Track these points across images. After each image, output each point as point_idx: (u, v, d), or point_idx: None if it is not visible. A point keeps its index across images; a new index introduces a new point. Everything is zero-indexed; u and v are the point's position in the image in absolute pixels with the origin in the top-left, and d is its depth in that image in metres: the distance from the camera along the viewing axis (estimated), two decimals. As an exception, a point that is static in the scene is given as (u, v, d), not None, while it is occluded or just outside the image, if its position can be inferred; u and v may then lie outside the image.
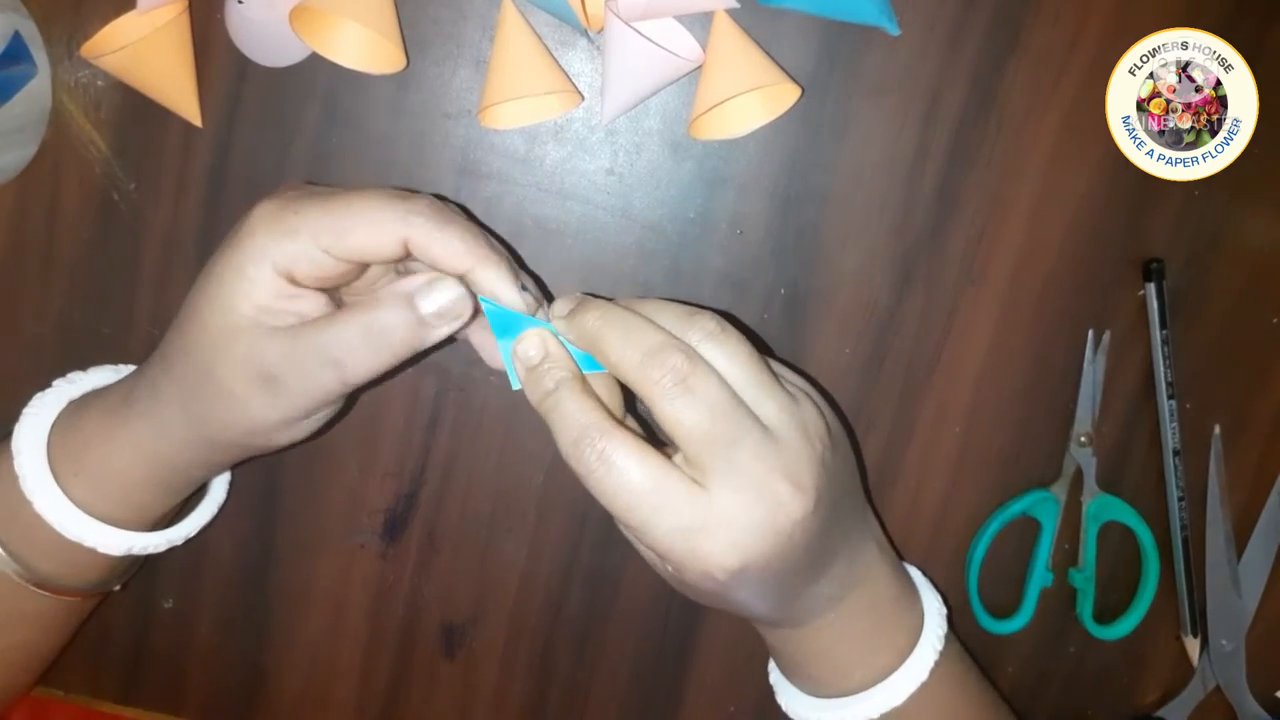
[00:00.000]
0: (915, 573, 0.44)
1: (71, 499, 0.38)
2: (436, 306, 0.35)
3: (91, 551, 0.39)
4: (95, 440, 0.39)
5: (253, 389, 0.36)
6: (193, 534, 0.43)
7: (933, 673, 0.40)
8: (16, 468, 0.38)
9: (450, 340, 0.37)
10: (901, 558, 0.44)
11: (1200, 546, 0.48)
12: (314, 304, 0.36)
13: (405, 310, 0.35)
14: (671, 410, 0.33)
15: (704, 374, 0.33)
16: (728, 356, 0.34)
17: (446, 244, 0.35)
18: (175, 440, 0.38)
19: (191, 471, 0.40)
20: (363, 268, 0.37)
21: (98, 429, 0.39)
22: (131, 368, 0.44)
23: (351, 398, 0.42)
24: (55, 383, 0.41)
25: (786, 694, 0.43)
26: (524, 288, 0.36)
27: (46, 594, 0.40)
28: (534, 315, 0.36)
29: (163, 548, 0.42)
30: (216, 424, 0.37)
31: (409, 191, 0.37)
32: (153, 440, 0.38)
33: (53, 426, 0.39)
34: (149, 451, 0.39)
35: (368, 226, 0.35)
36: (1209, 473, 0.47)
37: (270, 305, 0.35)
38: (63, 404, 0.40)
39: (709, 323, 0.35)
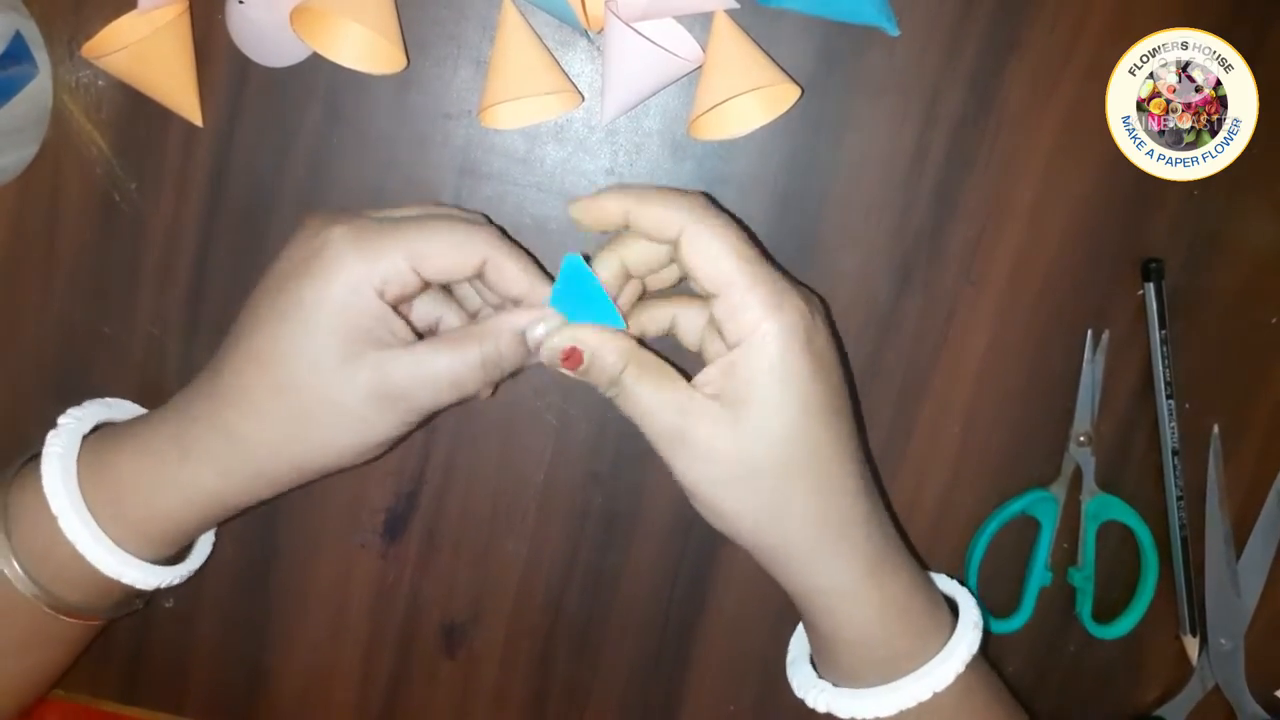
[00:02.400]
0: (947, 580, 0.43)
1: (110, 538, 0.39)
2: (549, 349, 0.38)
3: (125, 585, 0.40)
4: (136, 483, 0.39)
5: (379, 410, 0.37)
6: (207, 553, 0.45)
7: (969, 667, 0.39)
8: (54, 508, 0.38)
9: None
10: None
11: (1199, 546, 0.48)
12: (403, 323, 0.38)
13: (520, 345, 0.38)
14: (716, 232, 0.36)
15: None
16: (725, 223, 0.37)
17: (517, 268, 0.38)
18: (243, 478, 0.39)
19: (240, 505, 0.40)
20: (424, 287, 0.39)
21: (138, 471, 0.39)
22: (125, 403, 0.45)
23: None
24: (63, 420, 0.41)
25: (807, 683, 0.42)
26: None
27: (72, 620, 0.40)
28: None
29: (192, 572, 0.43)
30: (322, 451, 0.38)
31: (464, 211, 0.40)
32: (215, 481, 0.39)
33: (79, 464, 0.39)
34: (209, 493, 0.39)
35: (454, 248, 0.37)
36: (1208, 472, 0.47)
37: (375, 328, 0.37)
38: (78, 440, 0.40)
39: (699, 197, 0.37)
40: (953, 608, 0.41)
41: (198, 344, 0.47)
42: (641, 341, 0.38)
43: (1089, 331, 0.46)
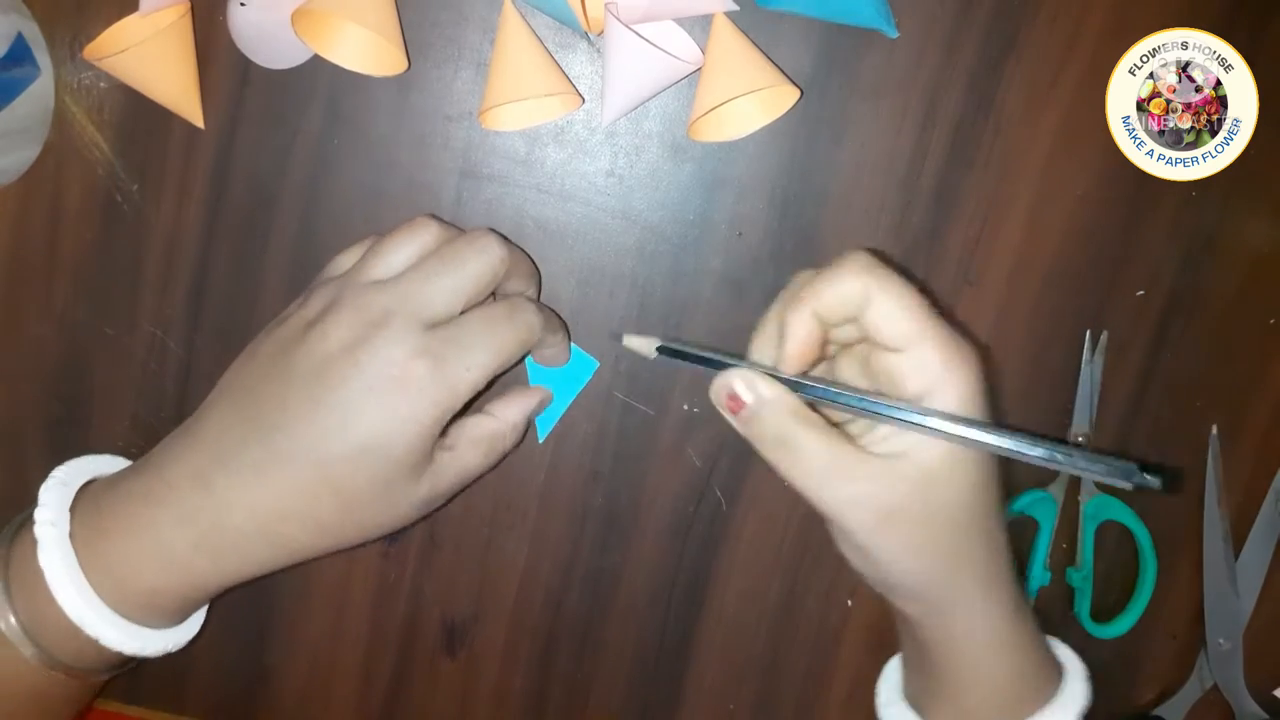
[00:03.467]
0: (1052, 639, 0.43)
1: (108, 605, 0.38)
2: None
3: (126, 654, 0.39)
4: (142, 569, 0.38)
5: (423, 509, 0.40)
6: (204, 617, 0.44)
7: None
8: (50, 581, 0.37)
9: None
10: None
11: (1197, 545, 0.48)
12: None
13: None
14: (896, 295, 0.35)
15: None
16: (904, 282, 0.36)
17: (558, 344, 0.43)
18: (264, 562, 0.39)
19: (248, 579, 0.40)
20: None
21: (147, 561, 0.38)
22: (107, 457, 0.43)
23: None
24: (51, 481, 0.40)
25: None
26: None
27: (69, 679, 0.40)
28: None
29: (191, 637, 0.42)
30: (352, 543, 0.39)
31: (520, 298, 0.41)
32: (237, 566, 0.39)
33: (76, 544, 0.38)
34: (228, 574, 0.39)
35: (521, 347, 0.40)
36: (1206, 472, 0.47)
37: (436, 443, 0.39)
38: (70, 500, 0.39)
39: (866, 258, 0.36)
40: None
41: (199, 344, 0.47)
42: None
43: (1088, 331, 0.46)
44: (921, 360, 0.35)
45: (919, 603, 0.38)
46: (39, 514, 0.38)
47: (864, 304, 0.35)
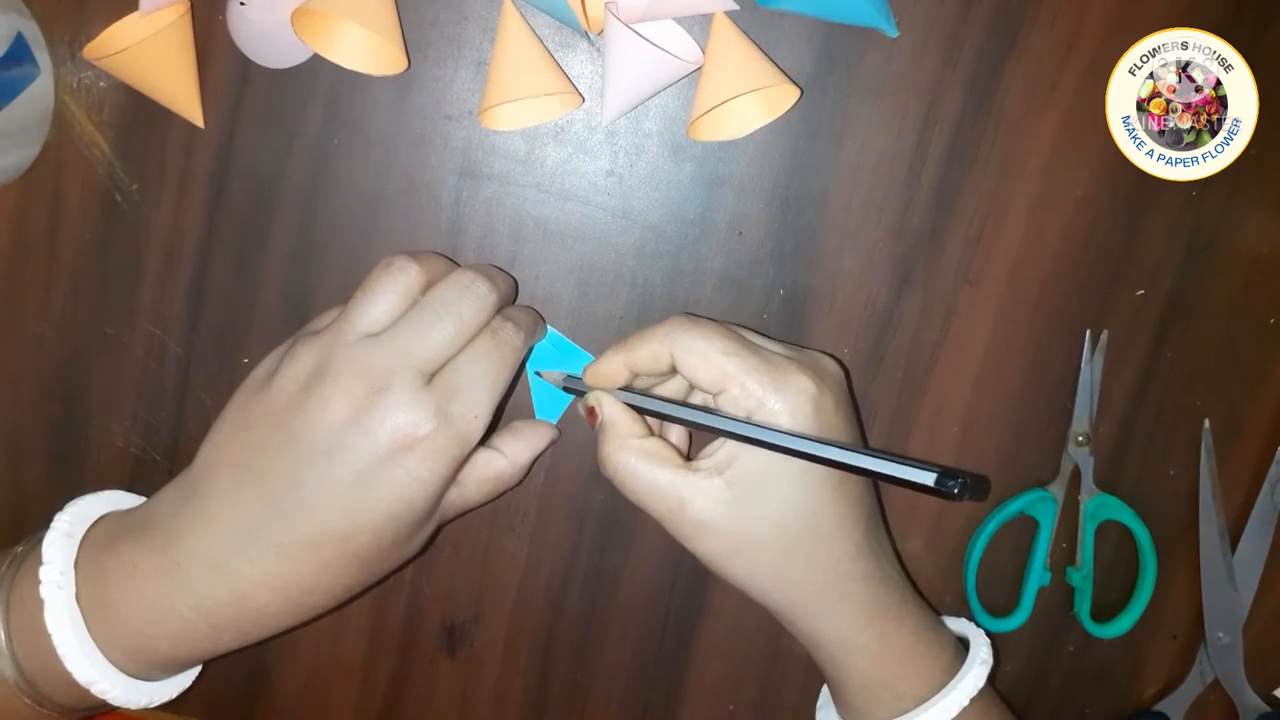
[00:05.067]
0: (962, 623, 0.45)
1: (119, 669, 0.38)
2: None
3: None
4: (159, 645, 0.38)
5: (430, 532, 0.41)
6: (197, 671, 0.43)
7: (976, 702, 0.41)
8: (58, 646, 0.36)
9: None
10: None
11: (1195, 541, 0.48)
12: None
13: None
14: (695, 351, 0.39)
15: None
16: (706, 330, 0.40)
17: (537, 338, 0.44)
18: (284, 626, 0.39)
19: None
20: None
21: (163, 640, 0.38)
22: (107, 494, 0.42)
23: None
24: (54, 534, 0.38)
25: None
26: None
27: (60, 716, 0.39)
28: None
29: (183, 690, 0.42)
30: (374, 580, 0.40)
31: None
32: (259, 634, 0.39)
33: (83, 607, 0.37)
34: (250, 640, 0.39)
35: (514, 370, 0.40)
36: (1200, 467, 0.47)
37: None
38: (75, 554, 0.38)
39: (676, 319, 0.40)
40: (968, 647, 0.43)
41: (198, 344, 0.47)
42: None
43: (1088, 331, 0.46)
44: (734, 399, 0.38)
45: (764, 605, 0.41)
46: (44, 573, 0.37)
47: (672, 362, 0.39)
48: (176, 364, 0.47)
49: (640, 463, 0.39)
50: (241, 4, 0.43)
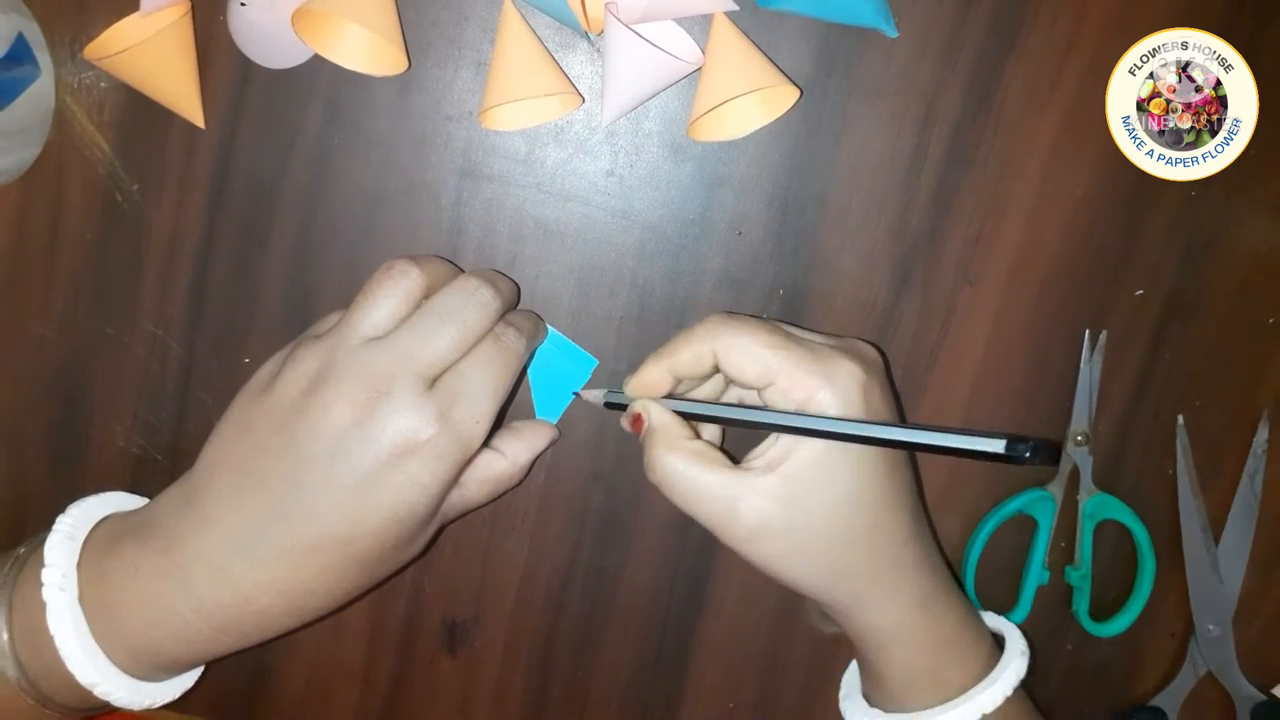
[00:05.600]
0: (996, 618, 0.45)
1: (123, 670, 0.38)
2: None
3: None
4: (162, 647, 0.38)
5: (431, 534, 0.41)
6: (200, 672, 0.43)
7: (1015, 693, 0.41)
8: (61, 649, 0.36)
9: None
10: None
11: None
12: None
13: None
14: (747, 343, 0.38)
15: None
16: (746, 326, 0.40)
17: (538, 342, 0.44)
18: (286, 628, 0.39)
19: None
20: None
21: (167, 641, 0.38)
22: (109, 495, 0.42)
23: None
24: (56, 536, 0.39)
25: (860, 712, 0.44)
26: None
27: (61, 715, 0.39)
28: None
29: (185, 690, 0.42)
30: (375, 581, 0.40)
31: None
32: (260, 636, 0.39)
33: (85, 608, 0.37)
34: (252, 642, 0.39)
35: (515, 375, 0.40)
36: (1177, 461, 0.47)
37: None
38: (77, 556, 0.38)
39: (715, 318, 0.40)
40: (1001, 644, 0.43)
41: (199, 344, 0.47)
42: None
43: (1087, 331, 0.46)
44: (783, 390, 0.38)
45: (819, 600, 0.40)
46: (46, 575, 0.37)
47: (715, 362, 0.39)
48: (178, 364, 0.47)
49: (690, 465, 0.38)
50: (242, 4, 0.43)
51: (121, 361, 0.47)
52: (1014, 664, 0.41)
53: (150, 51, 0.42)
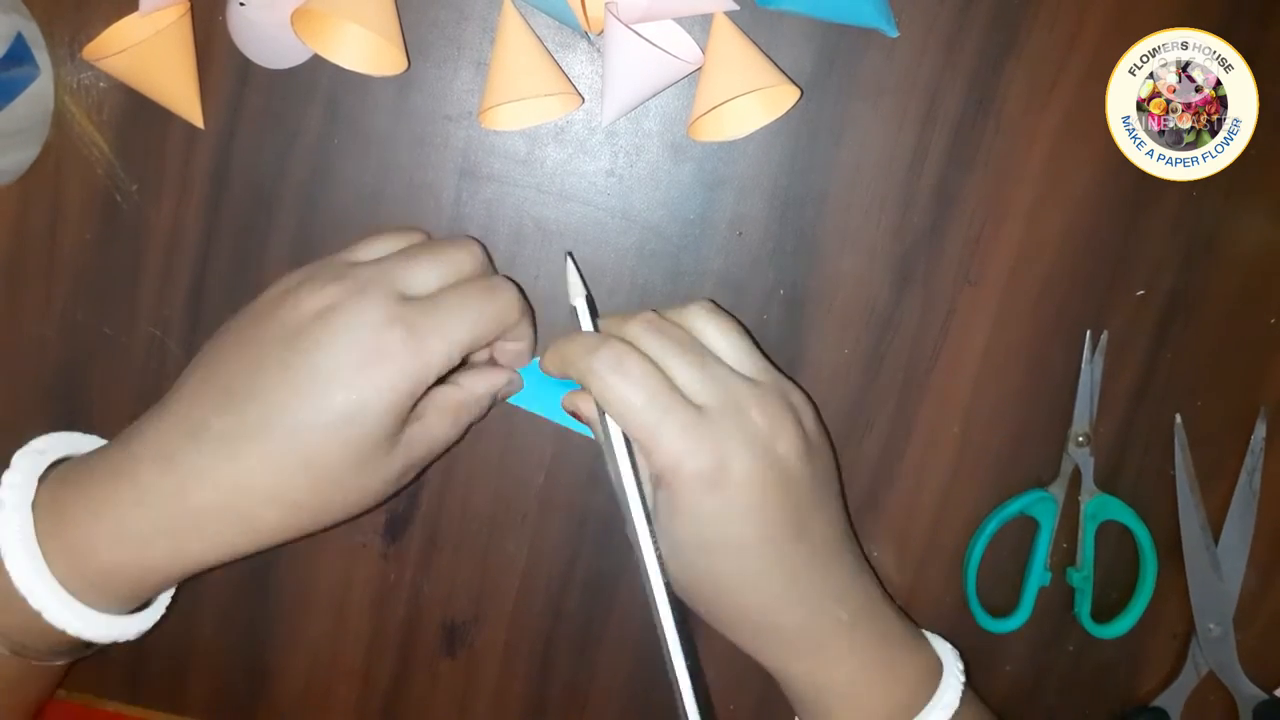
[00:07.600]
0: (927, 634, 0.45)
1: (61, 583, 0.37)
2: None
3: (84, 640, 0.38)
4: (98, 546, 0.37)
5: (397, 483, 0.39)
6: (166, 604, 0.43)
7: (959, 712, 0.41)
8: (12, 573, 0.36)
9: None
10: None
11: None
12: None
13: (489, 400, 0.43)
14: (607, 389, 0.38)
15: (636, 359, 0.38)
16: (720, 330, 0.40)
17: (529, 330, 0.42)
18: (230, 545, 0.38)
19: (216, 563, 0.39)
20: None
21: (103, 538, 0.37)
22: (95, 437, 0.42)
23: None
24: (28, 448, 0.39)
25: None
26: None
27: (17, 660, 0.38)
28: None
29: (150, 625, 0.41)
30: (331, 512, 0.38)
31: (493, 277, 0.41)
32: (200, 549, 0.37)
33: (38, 510, 0.37)
34: (191, 558, 0.38)
35: (498, 326, 0.39)
36: (1175, 460, 0.47)
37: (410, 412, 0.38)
38: (42, 469, 0.38)
39: (703, 302, 0.41)
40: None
41: (198, 344, 0.46)
42: None
43: (1088, 332, 0.46)
44: (649, 453, 0.39)
45: (747, 648, 0.42)
46: (6, 476, 0.37)
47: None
48: (176, 365, 0.47)
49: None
50: (241, 4, 0.43)
51: (120, 362, 0.47)
52: (953, 676, 0.42)
53: (149, 52, 0.42)
